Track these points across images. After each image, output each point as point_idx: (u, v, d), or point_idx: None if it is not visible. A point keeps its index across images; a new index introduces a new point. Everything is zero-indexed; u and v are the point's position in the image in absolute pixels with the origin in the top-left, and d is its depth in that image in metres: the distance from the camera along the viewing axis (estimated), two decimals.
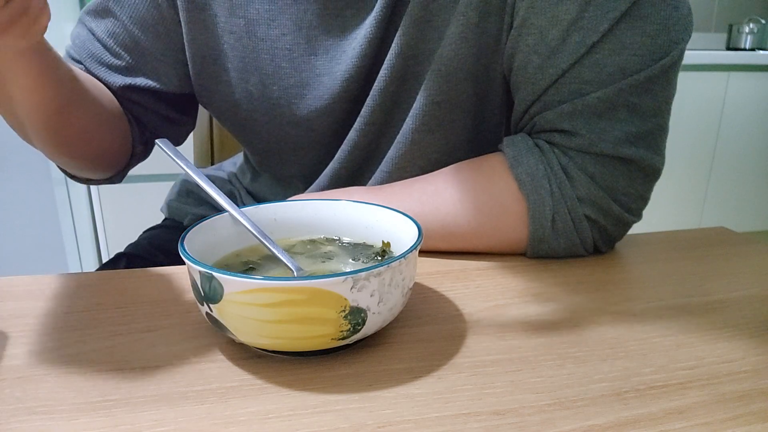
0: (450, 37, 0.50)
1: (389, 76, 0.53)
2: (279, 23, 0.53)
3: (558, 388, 0.32)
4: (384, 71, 0.53)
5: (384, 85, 0.53)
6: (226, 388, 0.32)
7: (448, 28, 0.50)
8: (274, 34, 0.54)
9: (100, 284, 0.45)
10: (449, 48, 0.50)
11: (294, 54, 0.54)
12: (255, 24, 0.54)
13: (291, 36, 0.54)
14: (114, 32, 0.56)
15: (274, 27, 0.54)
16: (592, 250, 0.51)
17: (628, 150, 0.46)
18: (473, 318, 0.40)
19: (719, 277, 0.47)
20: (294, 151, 0.61)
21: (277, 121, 0.58)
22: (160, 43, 0.57)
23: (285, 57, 0.54)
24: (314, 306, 0.31)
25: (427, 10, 0.50)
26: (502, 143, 0.51)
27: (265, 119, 0.59)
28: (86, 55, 0.57)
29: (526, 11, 0.47)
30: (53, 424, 0.29)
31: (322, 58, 0.54)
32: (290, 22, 0.53)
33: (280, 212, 0.44)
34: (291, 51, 0.54)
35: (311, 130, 0.58)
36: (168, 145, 0.43)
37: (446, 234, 0.50)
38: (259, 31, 0.54)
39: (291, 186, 0.66)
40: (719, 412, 0.30)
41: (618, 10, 0.44)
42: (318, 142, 0.59)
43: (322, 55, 0.54)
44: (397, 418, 0.30)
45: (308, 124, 0.58)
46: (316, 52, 0.54)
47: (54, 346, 0.36)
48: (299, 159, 0.62)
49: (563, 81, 0.47)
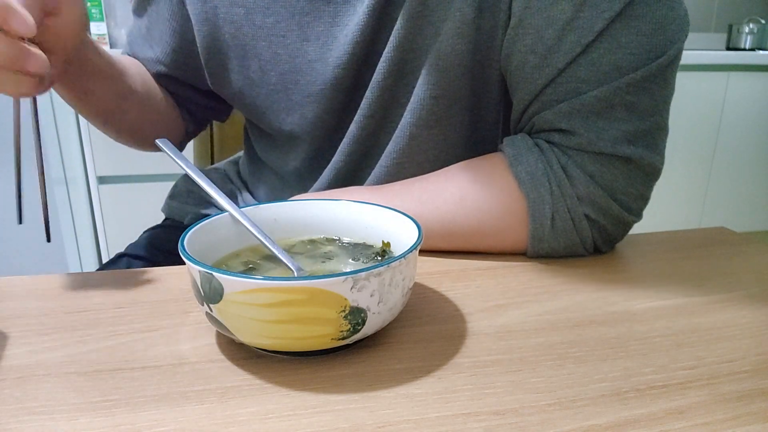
0: (447, 32, 0.50)
1: (387, 69, 0.53)
2: (273, 11, 0.55)
3: (558, 388, 0.32)
4: (382, 64, 0.53)
5: (382, 77, 0.54)
6: (226, 388, 0.32)
7: (445, 23, 0.50)
8: (270, 21, 0.56)
9: (100, 284, 0.45)
10: (446, 43, 0.50)
11: (288, 40, 0.56)
12: (253, 12, 0.56)
13: (285, 23, 0.55)
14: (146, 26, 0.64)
15: (269, 14, 0.55)
16: (592, 250, 0.51)
17: (627, 149, 0.47)
18: (473, 318, 0.40)
19: (719, 277, 0.47)
20: (291, 140, 0.62)
21: (274, 108, 0.60)
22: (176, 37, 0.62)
23: (280, 43, 0.56)
24: (314, 306, 0.31)
25: (424, 5, 0.51)
26: (503, 143, 0.51)
27: (265, 105, 0.61)
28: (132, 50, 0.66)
29: (523, 11, 0.47)
30: (53, 424, 0.29)
31: (314, 44, 0.56)
32: (283, 9, 0.55)
33: (280, 212, 0.44)
34: (285, 38, 0.56)
35: (305, 118, 0.59)
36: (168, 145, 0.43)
37: (446, 233, 0.50)
38: (257, 18, 0.56)
39: (291, 182, 0.67)
40: (719, 412, 0.30)
41: (613, 9, 0.44)
42: (313, 133, 0.60)
43: (314, 41, 0.55)
44: (397, 418, 0.30)
45: (301, 111, 0.59)
46: (308, 38, 0.55)
47: (54, 346, 0.36)
48: (298, 150, 0.63)
49: (560, 80, 0.47)
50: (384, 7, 0.52)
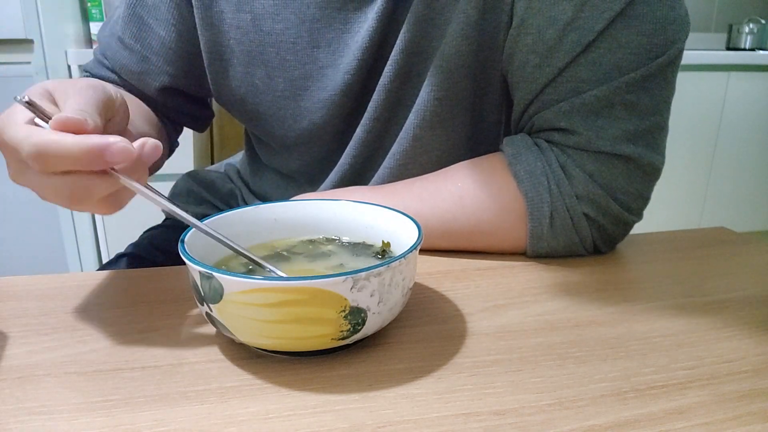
0: (451, 34, 0.50)
1: (393, 72, 0.53)
2: (283, 17, 0.55)
3: (558, 388, 0.32)
4: (388, 67, 0.53)
5: (388, 81, 0.54)
6: (226, 388, 0.32)
7: (450, 25, 0.50)
8: (279, 27, 0.55)
9: (100, 284, 0.45)
10: (451, 45, 0.50)
11: (298, 47, 0.55)
12: (261, 18, 0.55)
13: (294, 29, 0.55)
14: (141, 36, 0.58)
15: (278, 21, 0.55)
16: (592, 250, 0.51)
17: (627, 148, 0.47)
18: (473, 318, 0.40)
19: (719, 277, 0.47)
20: (297, 146, 0.62)
21: (281, 114, 0.59)
22: (182, 42, 0.59)
23: (289, 50, 0.56)
24: (314, 306, 0.31)
25: (430, 8, 0.51)
26: (503, 143, 0.51)
27: (270, 112, 0.60)
28: (119, 65, 0.60)
29: (525, 12, 0.47)
30: (53, 424, 0.29)
31: (324, 51, 0.55)
32: (293, 16, 0.55)
33: (280, 212, 0.44)
34: (295, 44, 0.55)
35: (313, 124, 0.59)
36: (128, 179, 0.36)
37: (446, 232, 0.50)
38: (264, 25, 0.55)
39: (295, 183, 0.67)
40: (719, 412, 0.30)
41: (613, 9, 0.45)
42: (320, 138, 0.60)
43: (324, 48, 0.55)
44: (397, 418, 0.30)
45: (311, 116, 0.58)
46: (318, 45, 0.55)
47: (54, 346, 0.36)
48: (303, 155, 0.63)
49: (560, 80, 0.47)
50: (393, 12, 0.53)
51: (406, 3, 0.52)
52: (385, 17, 0.52)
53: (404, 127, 0.55)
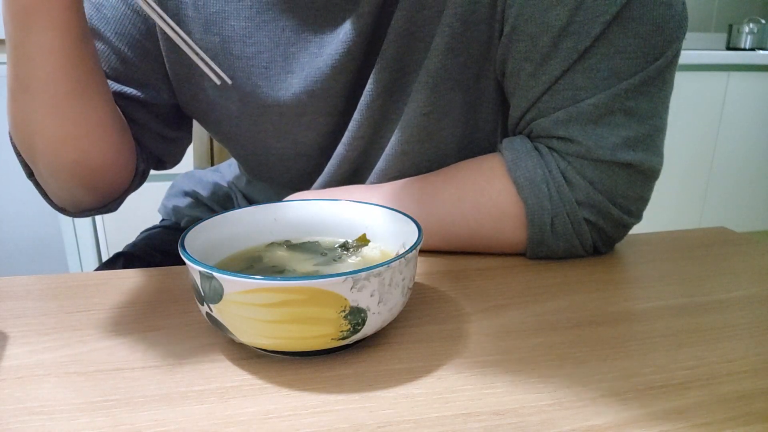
0: (435, 49, 0.49)
1: (375, 90, 0.52)
2: (255, 40, 0.52)
3: (558, 388, 0.32)
4: (370, 85, 0.52)
5: (371, 99, 0.52)
6: (226, 388, 0.32)
7: (434, 40, 0.49)
8: (250, 51, 0.52)
9: (100, 284, 0.45)
10: (436, 60, 0.49)
11: (270, 72, 0.53)
12: (230, 41, 0.52)
13: (268, 53, 0.52)
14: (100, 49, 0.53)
15: (250, 44, 0.52)
16: (591, 251, 0.50)
17: (627, 155, 0.46)
18: (473, 318, 0.40)
19: (719, 277, 0.47)
20: (281, 161, 0.60)
21: (261, 136, 0.57)
22: (147, 58, 0.54)
23: (261, 75, 0.53)
24: (314, 306, 0.31)
25: (411, 22, 0.49)
26: (502, 144, 0.51)
27: (248, 134, 0.57)
28: None
29: (515, 19, 0.46)
30: (53, 424, 0.29)
31: (298, 76, 0.53)
32: (267, 39, 0.52)
33: (280, 212, 0.44)
34: (267, 69, 0.53)
35: (296, 143, 0.57)
36: None
37: (444, 234, 0.50)
38: (234, 48, 0.52)
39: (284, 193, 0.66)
40: (719, 412, 0.30)
41: (609, 13, 0.43)
42: (304, 155, 0.59)
43: (298, 73, 0.53)
44: (397, 418, 0.30)
45: (292, 137, 0.57)
46: (292, 71, 0.53)
47: (54, 346, 0.36)
48: (287, 170, 0.61)
49: (556, 88, 0.46)
50: (374, 31, 0.51)
51: (385, 19, 0.50)
52: (365, 36, 0.50)
53: (390, 142, 0.54)
